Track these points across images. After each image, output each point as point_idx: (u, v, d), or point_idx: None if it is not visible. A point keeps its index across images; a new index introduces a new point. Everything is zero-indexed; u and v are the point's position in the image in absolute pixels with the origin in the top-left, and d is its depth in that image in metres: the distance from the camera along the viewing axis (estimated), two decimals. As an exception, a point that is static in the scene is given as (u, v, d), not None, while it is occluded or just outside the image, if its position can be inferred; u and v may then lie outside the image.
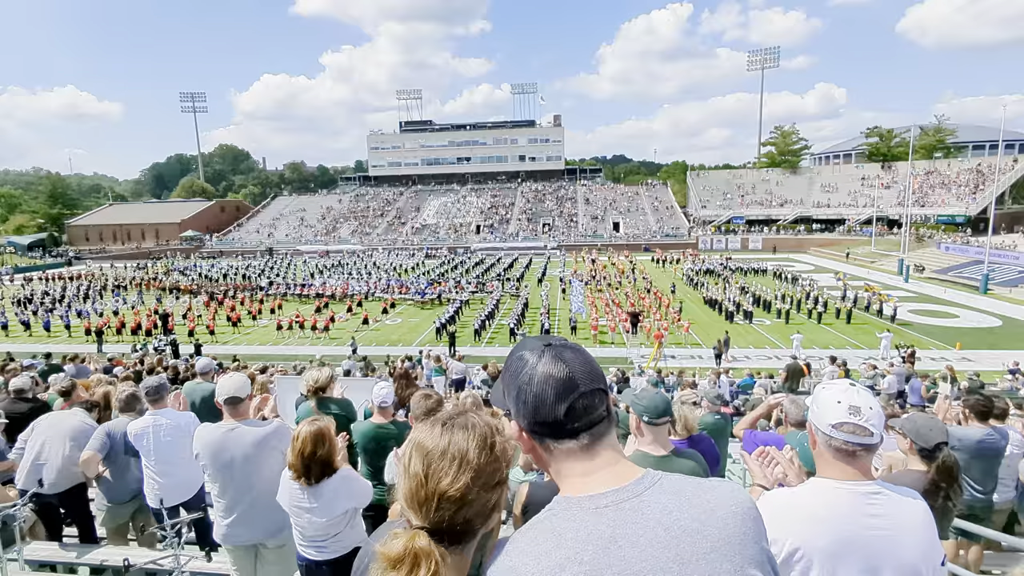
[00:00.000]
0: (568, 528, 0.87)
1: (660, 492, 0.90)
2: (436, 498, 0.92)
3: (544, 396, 0.93)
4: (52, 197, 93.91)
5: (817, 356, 20.30)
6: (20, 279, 50.51)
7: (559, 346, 0.99)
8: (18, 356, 19.37)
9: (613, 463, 0.95)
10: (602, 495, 0.90)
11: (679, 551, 0.84)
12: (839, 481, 1.50)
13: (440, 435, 0.98)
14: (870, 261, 47.13)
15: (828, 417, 1.50)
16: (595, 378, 0.96)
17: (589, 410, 0.94)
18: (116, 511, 4.30)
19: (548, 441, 0.96)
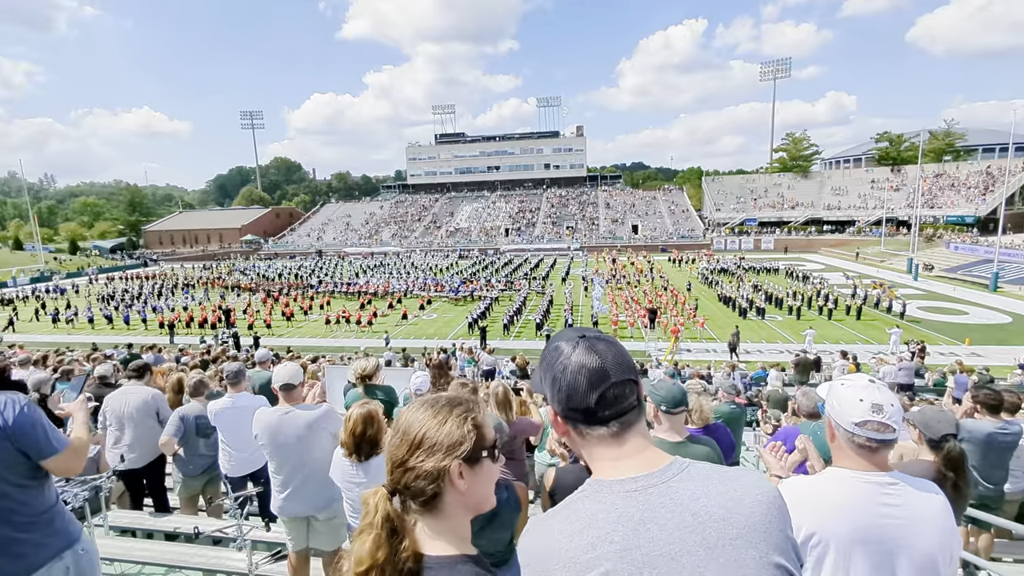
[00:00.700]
0: (600, 510, 0.87)
1: (688, 479, 0.88)
2: (390, 461, 1.00)
3: (577, 384, 0.93)
4: (131, 206, 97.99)
5: (828, 351, 19.68)
6: (103, 278, 52.80)
7: (593, 338, 0.98)
8: (102, 346, 20.28)
9: (642, 450, 0.93)
10: (632, 479, 0.89)
11: (706, 536, 0.82)
12: (857, 471, 1.45)
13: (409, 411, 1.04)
14: (879, 260, 45.41)
15: (851, 415, 1.43)
16: (626, 369, 0.95)
17: (620, 399, 0.93)
18: (189, 483, 4.48)
19: (581, 427, 0.95)
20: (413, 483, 0.96)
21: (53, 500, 2.11)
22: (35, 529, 2.00)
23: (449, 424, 0.98)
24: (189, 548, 3.77)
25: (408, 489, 0.97)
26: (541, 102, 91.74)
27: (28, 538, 1.98)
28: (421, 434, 0.98)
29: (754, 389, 12.88)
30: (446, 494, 0.97)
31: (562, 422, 0.98)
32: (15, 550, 1.95)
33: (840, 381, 1.53)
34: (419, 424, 0.99)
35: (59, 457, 2.02)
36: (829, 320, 26.23)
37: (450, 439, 0.97)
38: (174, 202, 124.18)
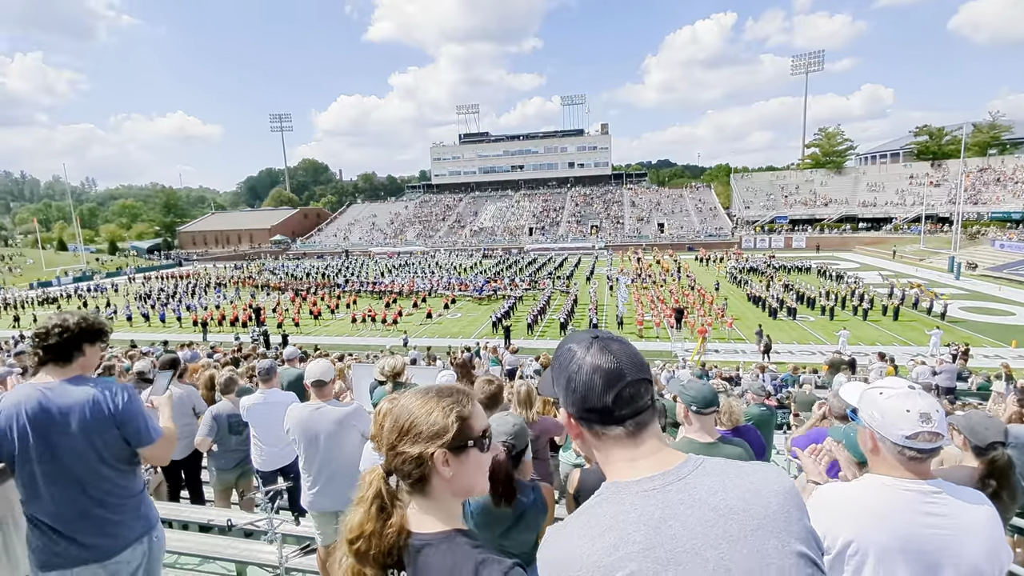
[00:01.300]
0: (619, 511, 0.86)
1: (704, 474, 0.89)
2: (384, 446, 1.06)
3: (593, 384, 0.93)
4: (166, 207, 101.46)
5: (863, 352, 19.05)
6: (140, 278, 54.81)
7: (606, 338, 0.99)
8: (140, 343, 21.06)
9: (657, 450, 0.94)
10: (649, 479, 0.89)
11: (727, 529, 0.82)
12: (898, 479, 1.39)
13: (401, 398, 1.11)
14: (918, 259, 43.70)
15: (900, 428, 1.36)
16: (640, 368, 0.95)
17: (635, 398, 0.93)
18: (222, 477, 4.63)
19: (596, 427, 0.95)
20: (401, 466, 1.03)
21: (141, 486, 2.24)
22: (125, 512, 2.12)
23: (435, 414, 1.03)
24: (222, 540, 3.88)
25: (399, 471, 1.04)
26: (565, 100, 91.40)
27: (119, 520, 2.10)
28: (408, 422, 1.04)
29: (785, 391, 12.57)
30: (433, 478, 1.02)
31: (576, 424, 0.99)
32: (109, 530, 2.07)
33: (878, 390, 1.45)
34: (408, 412, 1.05)
35: (155, 446, 2.15)
36: (864, 321, 25.40)
37: (433, 428, 1.02)
38: (207, 204, 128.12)
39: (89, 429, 1.99)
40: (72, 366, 2.08)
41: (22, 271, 60.01)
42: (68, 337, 2.05)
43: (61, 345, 2.05)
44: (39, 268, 60.19)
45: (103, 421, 2.02)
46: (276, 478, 4.24)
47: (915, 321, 25.03)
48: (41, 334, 2.05)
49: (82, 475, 2.01)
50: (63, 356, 2.06)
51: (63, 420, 1.97)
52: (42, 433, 1.96)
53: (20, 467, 1.99)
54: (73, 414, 1.98)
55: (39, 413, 1.96)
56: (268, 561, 3.54)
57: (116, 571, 2.09)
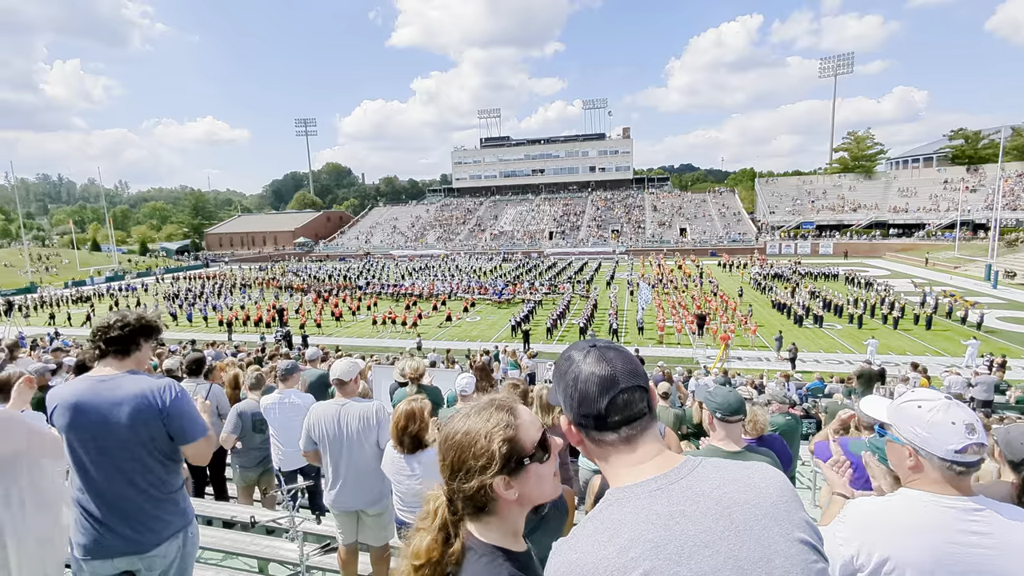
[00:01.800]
0: (626, 513, 0.88)
1: (705, 472, 0.92)
2: (448, 467, 1.04)
3: (587, 391, 0.95)
4: (194, 210, 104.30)
5: (893, 362, 18.51)
6: (169, 278, 56.37)
7: (603, 347, 1.01)
8: (167, 342, 21.63)
9: (656, 454, 0.96)
10: (652, 479, 0.91)
11: (733, 520, 0.85)
12: (937, 495, 1.33)
13: (464, 418, 1.08)
14: (953, 267, 42.30)
15: (948, 442, 1.29)
16: (636, 376, 0.97)
17: (629, 405, 0.95)
18: (245, 475, 4.72)
19: (593, 433, 0.97)
20: (463, 500, 1.03)
21: (182, 482, 2.32)
22: (166, 506, 2.20)
23: (480, 443, 1.01)
24: (245, 536, 3.95)
25: (460, 500, 1.03)
26: (587, 104, 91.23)
27: (159, 514, 2.18)
28: (457, 458, 1.03)
29: (811, 401, 12.28)
30: (497, 501, 1.02)
31: (576, 431, 1.00)
32: (150, 524, 2.15)
33: (915, 403, 1.38)
34: (455, 448, 1.04)
35: (196, 444, 2.23)
36: (895, 330, 24.67)
37: (482, 461, 1.00)
38: (233, 206, 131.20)
39: (137, 422, 2.08)
40: (128, 360, 2.19)
41: (58, 270, 62.28)
42: (127, 332, 2.17)
43: (120, 339, 2.16)
44: (74, 268, 62.38)
45: (151, 415, 2.10)
46: (296, 477, 4.32)
47: (949, 331, 24.22)
48: (103, 328, 2.17)
49: (129, 467, 2.09)
50: (121, 350, 2.18)
51: (114, 412, 2.06)
52: (94, 424, 2.05)
53: (73, 456, 2.08)
54: (124, 407, 2.07)
55: (92, 405, 2.06)
56: (289, 558, 3.59)
57: (152, 564, 2.16)
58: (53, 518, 2.20)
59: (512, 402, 1.09)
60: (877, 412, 1.62)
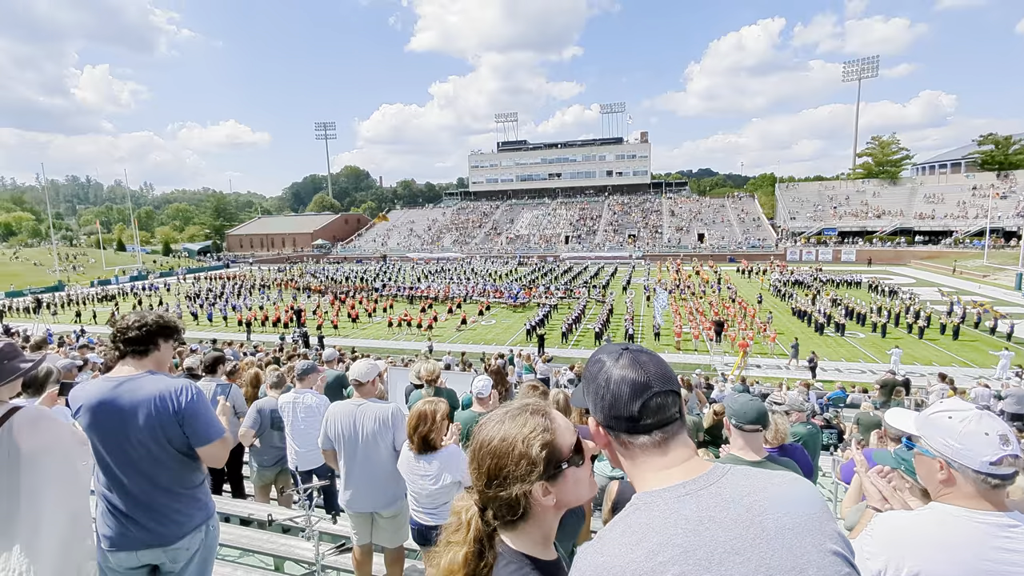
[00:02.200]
0: (654, 517, 0.87)
1: (734, 478, 0.90)
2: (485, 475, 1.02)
3: (620, 393, 0.95)
4: (216, 211, 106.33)
5: (918, 372, 18.05)
6: (191, 278, 57.54)
7: (635, 350, 1.01)
8: (188, 340, 22.05)
9: (686, 459, 0.95)
10: (681, 484, 0.90)
11: (764, 527, 0.83)
12: (969, 510, 1.28)
13: (499, 421, 1.06)
14: (982, 275, 41.12)
15: (983, 453, 1.25)
16: (668, 380, 0.97)
17: (662, 409, 0.95)
18: (263, 473, 4.78)
19: (623, 436, 0.97)
20: (499, 508, 1.02)
21: (203, 478, 2.37)
22: (188, 501, 2.25)
23: (518, 449, 1.00)
24: (262, 534, 4.00)
25: (495, 510, 1.02)
26: (604, 108, 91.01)
27: (181, 508, 2.23)
28: (495, 465, 1.01)
29: (832, 410, 12.03)
30: (534, 508, 1.01)
31: (603, 432, 1.00)
32: (173, 517, 2.20)
33: (946, 414, 1.33)
34: (492, 455, 1.02)
35: (211, 446, 2.26)
36: (920, 339, 24.05)
37: (522, 468, 0.99)
38: (254, 208, 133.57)
39: (154, 424, 2.12)
40: (147, 360, 2.24)
41: (85, 269, 63.98)
42: (145, 332, 2.21)
43: (139, 340, 2.20)
44: (100, 267, 64.04)
45: (167, 417, 2.14)
46: (311, 478, 4.35)
47: (977, 341, 23.55)
48: (122, 329, 2.21)
49: (150, 465, 2.15)
50: (140, 350, 2.22)
51: (132, 413, 2.11)
52: (114, 424, 2.11)
53: (96, 455, 2.14)
54: (141, 408, 2.12)
55: (111, 406, 2.11)
56: (305, 557, 3.62)
57: (176, 556, 2.21)
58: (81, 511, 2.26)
59: (546, 406, 1.08)
60: (905, 424, 1.58)
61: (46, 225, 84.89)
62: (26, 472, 2.13)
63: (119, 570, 2.16)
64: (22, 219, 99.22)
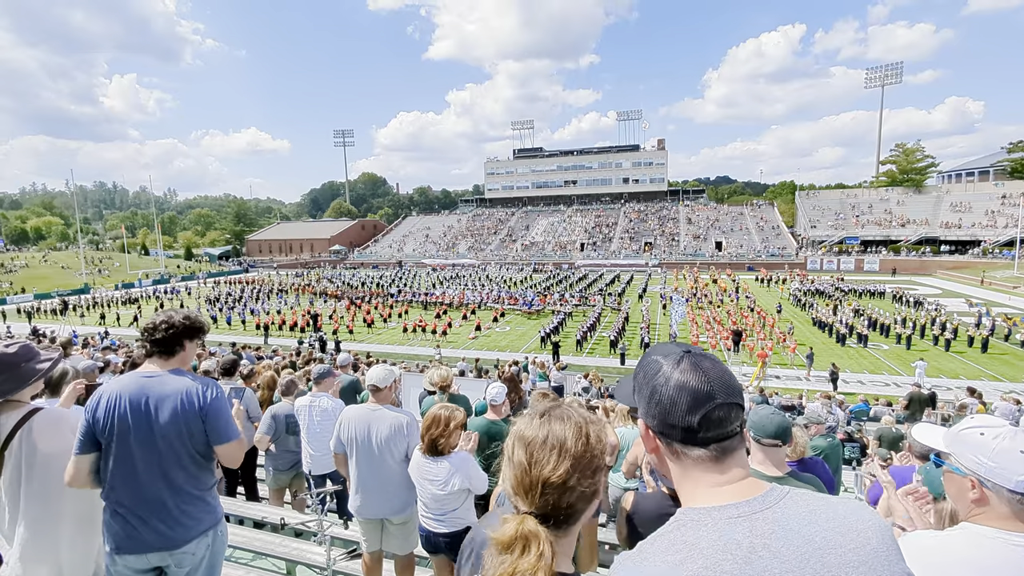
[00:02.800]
0: (702, 538, 0.80)
1: (793, 504, 0.82)
2: (540, 484, 0.94)
3: (678, 401, 0.89)
4: (237, 217, 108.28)
5: (944, 386, 17.55)
6: (211, 283, 58.62)
7: (698, 354, 0.94)
8: (208, 343, 22.41)
9: (741, 477, 0.88)
10: (734, 505, 0.83)
11: (824, 563, 0.75)
12: (1004, 532, 1.22)
13: (540, 426, 1.00)
14: (1012, 286, 39.92)
15: (1019, 472, 1.19)
16: (733, 391, 0.90)
17: (724, 422, 0.88)
18: (278, 477, 4.81)
19: (676, 445, 0.91)
20: (568, 506, 0.95)
21: (214, 482, 2.40)
22: (198, 503, 2.26)
23: (593, 438, 0.98)
24: (275, 538, 4.01)
25: (561, 510, 0.95)
26: (621, 116, 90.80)
27: (191, 510, 2.24)
28: (581, 451, 0.97)
29: (854, 424, 11.73)
30: (586, 512, 0.98)
31: (653, 437, 0.94)
32: (182, 520, 2.21)
33: (977, 430, 1.27)
34: (572, 441, 0.97)
35: (229, 445, 2.29)
36: (946, 352, 23.41)
37: (603, 456, 0.98)
38: (273, 214, 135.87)
39: (178, 418, 2.16)
40: (173, 359, 2.29)
41: (110, 273, 65.62)
42: (173, 332, 2.25)
43: (165, 340, 2.25)
44: (124, 271, 65.66)
45: (192, 412, 2.17)
46: (325, 482, 4.37)
47: (1007, 354, 22.84)
48: (150, 328, 2.26)
49: (166, 462, 2.16)
50: (166, 350, 2.26)
51: (157, 407, 2.15)
52: (136, 417, 2.14)
53: (115, 451, 2.15)
54: (166, 402, 2.16)
55: (138, 399, 2.15)
56: (317, 562, 3.62)
57: (182, 560, 2.21)
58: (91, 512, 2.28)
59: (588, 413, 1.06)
60: (933, 440, 1.51)
61: (74, 229, 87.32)
62: (40, 472, 2.17)
63: (126, 572, 2.17)
64: (52, 223, 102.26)
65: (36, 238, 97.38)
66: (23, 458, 2.16)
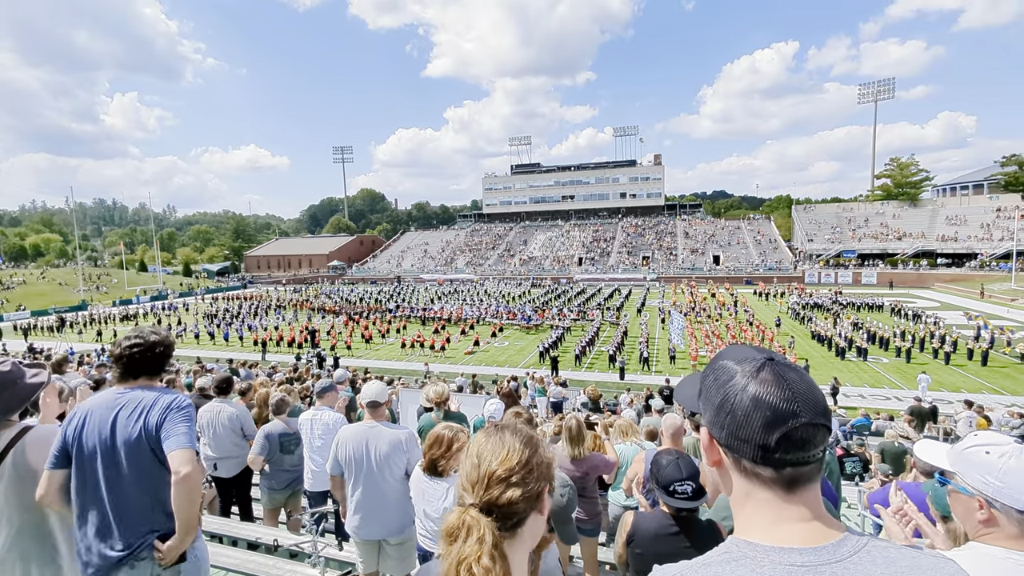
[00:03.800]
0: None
1: (869, 560, 0.72)
2: (487, 478, 1.00)
3: (754, 416, 0.78)
4: (235, 233, 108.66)
5: (945, 400, 17.46)
6: (209, 298, 58.50)
7: (781, 363, 0.83)
8: (204, 360, 22.29)
9: (812, 516, 0.78)
10: (798, 551, 0.73)
11: None
12: (1014, 552, 1.19)
13: (493, 433, 1.10)
14: (1010, 299, 40.03)
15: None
16: (821, 411, 0.78)
17: (806, 445, 0.76)
18: (273, 497, 4.73)
19: (745, 462, 0.80)
20: (509, 502, 0.99)
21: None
22: (168, 521, 2.18)
23: (540, 449, 1.07)
24: (268, 559, 3.93)
25: (503, 506, 0.99)
26: (618, 131, 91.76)
27: (161, 529, 2.17)
28: (527, 457, 1.04)
29: (855, 439, 11.63)
30: (528, 521, 1.01)
31: (719, 449, 0.84)
32: (150, 539, 2.14)
33: (982, 448, 1.25)
34: (520, 447, 1.05)
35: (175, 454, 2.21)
36: (946, 365, 23.35)
37: (548, 471, 1.04)
38: (272, 230, 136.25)
39: (146, 433, 2.12)
40: (141, 378, 2.25)
41: (108, 289, 65.47)
42: (137, 354, 2.23)
43: (131, 361, 2.23)
44: (122, 287, 65.52)
45: (152, 425, 2.13)
46: (325, 499, 4.29)
47: (1007, 367, 22.78)
48: (117, 356, 2.24)
49: (137, 479, 2.11)
50: (134, 372, 2.24)
51: (124, 424, 2.12)
52: (104, 435, 2.11)
53: (85, 469, 2.11)
54: (133, 419, 2.12)
55: (107, 416, 2.12)
56: (311, 585, 3.54)
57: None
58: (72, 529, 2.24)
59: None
60: (936, 458, 1.48)
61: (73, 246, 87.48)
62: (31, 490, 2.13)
63: None
64: (50, 240, 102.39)
65: (35, 255, 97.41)
66: (18, 476, 2.12)
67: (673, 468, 2.30)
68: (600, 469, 3.96)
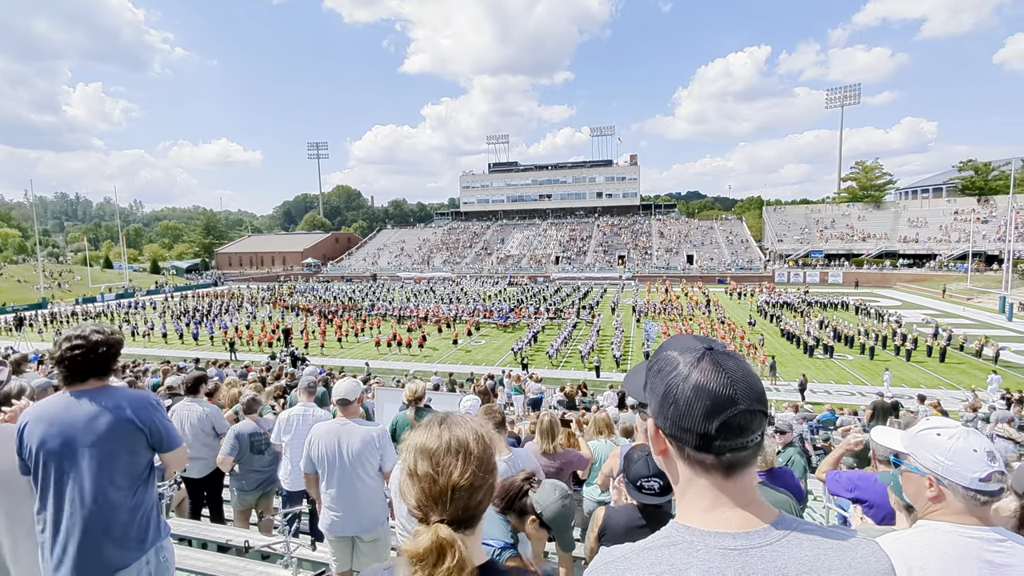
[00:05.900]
0: (690, 564, 0.75)
1: (796, 544, 0.76)
2: (450, 491, 0.92)
3: (695, 405, 0.80)
4: (206, 229, 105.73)
5: (907, 395, 18.15)
6: (178, 296, 56.85)
7: (720, 352, 0.84)
8: (172, 360, 21.66)
9: (747, 502, 0.81)
10: (731, 535, 0.78)
11: None
12: (958, 526, 1.28)
13: (440, 434, 0.99)
14: (967, 298, 41.83)
15: (973, 470, 1.24)
16: (758, 396, 0.81)
17: (743, 431, 0.79)
18: (243, 498, 4.64)
19: (688, 450, 0.82)
20: (476, 504, 0.96)
21: (153, 501, 2.27)
22: (137, 523, 2.14)
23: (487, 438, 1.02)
24: (239, 561, 3.86)
25: (471, 511, 0.96)
26: (595, 131, 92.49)
27: (129, 532, 2.12)
28: (482, 452, 0.99)
29: (822, 433, 12.02)
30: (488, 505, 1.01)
31: (664, 439, 0.87)
32: (120, 542, 2.09)
33: (933, 431, 1.33)
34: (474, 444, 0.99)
35: (176, 452, 2.27)
36: (908, 361, 24.28)
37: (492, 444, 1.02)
38: (244, 226, 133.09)
39: (116, 434, 2.06)
40: (90, 380, 2.13)
41: (70, 287, 63.00)
42: (84, 352, 2.09)
43: (78, 360, 2.08)
44: (86, 284, 63.13)
45: (127, 427, 2.08)
46: (301, 499, 4.23)
47: (964, 363, 23.80)
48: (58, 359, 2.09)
49: (97, 483, 2.04)
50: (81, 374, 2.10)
51: (88, 426, 2.04)
52: (66, 439, 2.03)
53: (42, 476, 2.03)
54: (98, 420, 2.05)
55: (64, 419, 2.04)
56: (283, 586, 3.49)
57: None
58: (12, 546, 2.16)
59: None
60: (891, 441, 1.58)
61: (32, 242, 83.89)
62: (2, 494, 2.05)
63: None
64: (8, 236, 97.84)
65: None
66: None
67: (642, 464, 2.34)
68: (574, 465, 4.01)
